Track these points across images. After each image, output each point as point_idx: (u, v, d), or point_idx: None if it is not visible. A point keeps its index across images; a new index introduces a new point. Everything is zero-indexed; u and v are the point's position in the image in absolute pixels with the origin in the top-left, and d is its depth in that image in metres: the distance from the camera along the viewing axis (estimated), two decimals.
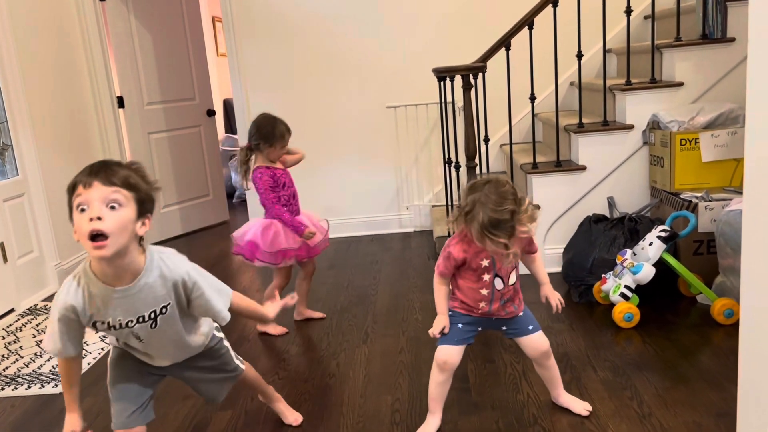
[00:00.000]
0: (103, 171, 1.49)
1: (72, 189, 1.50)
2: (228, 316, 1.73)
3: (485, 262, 1.91)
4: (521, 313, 2.05)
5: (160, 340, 1.71)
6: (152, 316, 1.63)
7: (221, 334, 1.94)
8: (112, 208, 1.47)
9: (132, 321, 1.61)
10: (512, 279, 1.97)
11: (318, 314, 3.12)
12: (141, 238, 1.58)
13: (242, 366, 1.99)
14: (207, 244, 4.80)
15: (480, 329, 2.05)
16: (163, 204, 4.94)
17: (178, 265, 1.65)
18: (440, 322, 1.99)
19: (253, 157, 2.87)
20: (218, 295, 1.73)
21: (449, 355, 2.00)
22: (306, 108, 4.54)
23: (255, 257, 2.82)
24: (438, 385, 2.04)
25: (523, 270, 2.06)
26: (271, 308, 1.93)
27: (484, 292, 1.95)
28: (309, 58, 4.47)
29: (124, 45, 4.61)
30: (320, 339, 2.90)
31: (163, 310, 1.64)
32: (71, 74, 4.26)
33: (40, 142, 3.83)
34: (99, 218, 1.45)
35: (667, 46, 3.27)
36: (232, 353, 1.97)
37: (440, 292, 2.01)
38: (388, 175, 4.61)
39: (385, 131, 4.52)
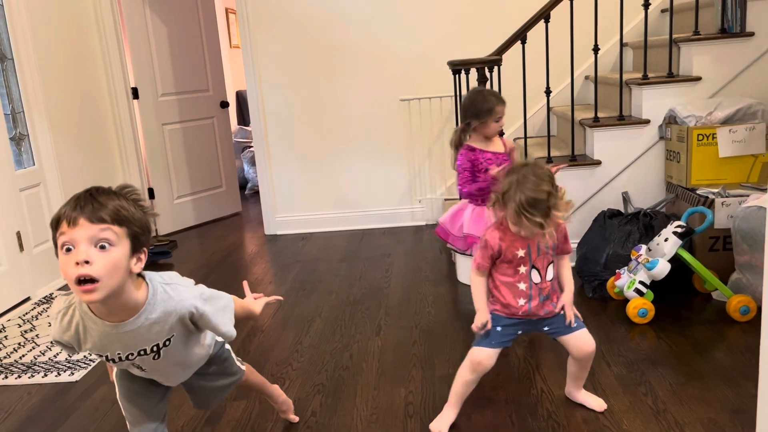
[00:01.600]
0: (89, 204, 1.30)
1: (56, 224, 1.31)
2: (234, 332, 1.59)
3: (521, 252, 1.89)
4: (560, 312, 2.00)
5: (164, 367, 1.58)
6: (155, 348, 1.49)
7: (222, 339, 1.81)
8: (102, 247, 1.30)
9: (132, 354, 1.48)
10: (549, 274, 1.94)
11: None
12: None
13: (243, 368, 1.89)
14: (219, 236, 4.82)
15: (520, 332, 2.01)
16: (177, 195, 4.96)
17: (183, 297, 1.48)
18: (481, 318, 1.95)
19: (468, 137, 2.76)
20: (223, 314, 1.57)
21: (485, 357, 1.96)
22: (319, 100, 4.54)
23: (447, 240, 2.89)
24: (465, 384, 2.01)
25: None
26: (257, 303, 1.77)
27: (522, 286, 1.92)
28: (323, 50, 4.46)
29: (139, 36, 4.63)
30: (333, 331, 2.91)
31: (167, 343, 1.50)
32: (87, 65, 4.28)
33: (55, 133, 3.86)
34: (87, 261, 1.27)
35: (685, 40, 3.24)
36: (234, 356, 1.87)
37: (478, 286, 1.98)
38: (401, 168, 4.61)
39: (398, 124, 4.52)
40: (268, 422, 2.18)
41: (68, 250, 1.29)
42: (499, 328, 1.97)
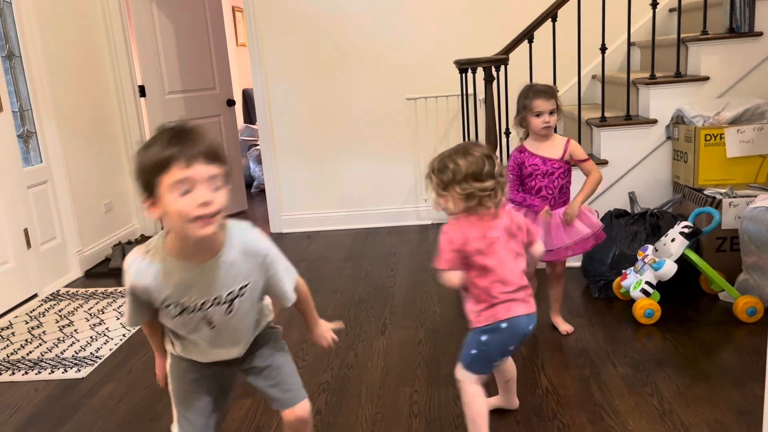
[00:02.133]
0: (198, 145, 1.32)
1: (162, 167, 1.29)
2: (294, 297, 1.60)
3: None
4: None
5: (234, 324, 1.54)
6: (229, 297, 1.47)
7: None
8: (217, 188, 1.34)
9: (208, 302, 1.45)
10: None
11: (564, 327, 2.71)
12: None
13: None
14: None
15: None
16: None
17: (257, 239, 1.50)
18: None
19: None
20: (287, 274, 1.58)
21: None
22: (326, 99, 4.54)
23: None
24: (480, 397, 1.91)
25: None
26: (323, 326, 1.79)
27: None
28: (329, 48, 4.46)
29: (146, 34, 4.64)
30: (338, 330, 2.90)
31: (242, 292, 1.48)
32: (94, 63, 4.29)
33: (63, 130, 3.87)
34: (208, 202, 1.31)
35: (693, 39, 3.23)
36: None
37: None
38: (407, 166, 4.60)
39: (404, 123, 4.51)
40: (273, 420, 2.19)
41: (186, 192, 1.29)
42: (489, 354, 1.90)
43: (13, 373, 2.68)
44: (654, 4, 3.19)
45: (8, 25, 3.58)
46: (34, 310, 3.40)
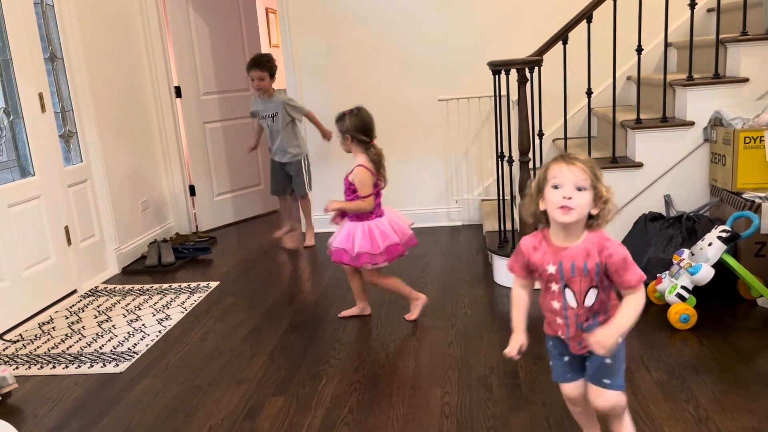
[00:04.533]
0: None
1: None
2: None
3: (551, 269, 1.64)
4: (607, 359, 1.67)
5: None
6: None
7: None
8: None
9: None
10: (589, 299, 1.63)
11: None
12: None
13: None
14: (257, 233, 4.89)
15: (567, 359, 1.76)
16: (217, 192, 5.05)
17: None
18: (515, 341, 1.71)
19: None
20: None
21: (569, 391, 1.78)
22: (358, 99, 4.51)
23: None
24: (578, 415, 1.89)
25: None
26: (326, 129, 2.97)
27: (556, 305, 1.67)
28: (362, 49, 4.48)
29: (182, 36, 4.73)
30: (369, 330, 2.93)
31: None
32: (132, 65, 4.38)
33: (102, 130, 3.97)
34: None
35: (732, 40, 3.17)
36: None
37: (516, 300, 1.74)
38: (438, 167, 4.61)
39: (436, 124, 4.51)
40: (306, 418, 2.21)
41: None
42: (566, 359, 1.75)
43: (54, 367, 2.76)
44: (692, 5, 3.14)
45: (51, 27, 3.68)
46: (73, 306, 3.50)
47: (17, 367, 2.78)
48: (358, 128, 2.99)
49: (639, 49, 3.22)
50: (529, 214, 1.68)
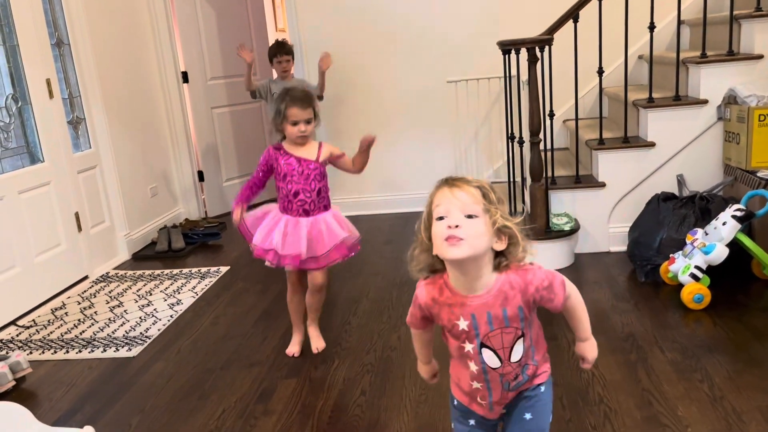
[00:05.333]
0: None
1: None
2: None
3: (462, 324, 1.29)
4: (527, 414, 1.38)
5: None
6: None
7: None
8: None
9: None
10: (516, 353, 1.30)
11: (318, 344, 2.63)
12: None
13: None
14: None
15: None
16: (225, 178, 5.05)
17: None
18: (423, 372, 1.52)
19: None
20: None
21: None
22: (365, 83, 4.53)
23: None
24: None
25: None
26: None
27: (474, 368, 1.33)
28: (369, 32, 4.44)
29: (188, 21, 4.70)
30: (381, 312, 2.92)
31: None
32: (139, 50, 4.37)
33: (110, 116, 3.96)
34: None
35: (746, 16, 3.11)
36: None
37: (416, 339, 1.47)
38: (447, 150, 4.58)
39: (444, 106, 4.48)
40: (318, 400, 2.22)
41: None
42: (456, 421, 1.45)
43: (68, 352, 2.78)
44: None
45: (57, 13, 3.67)
46: (85, 291, 3.51)
47: (31, 352, 2.80)
48: None
49: (651, 27, 3.17)
50: (422, 268, 1.32)
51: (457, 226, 1.21)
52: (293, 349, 2.59)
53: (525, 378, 1.35)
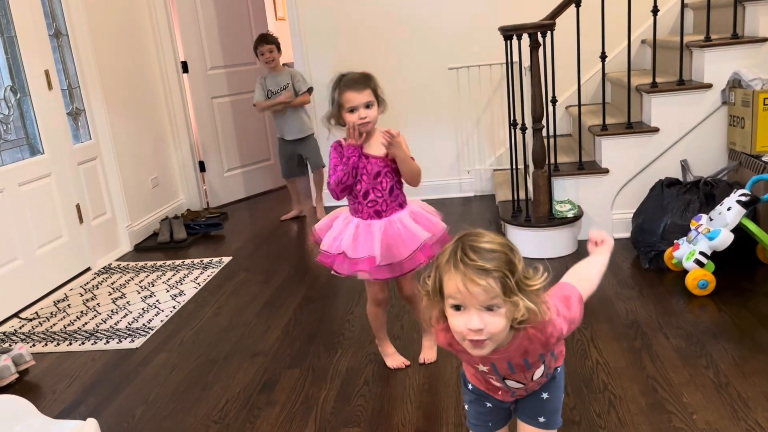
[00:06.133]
0: None
1: None
2: None
3: (482, 368, 1.31)
4: (544, 394, 1.40)
5: None
6: None
7: None
8: None
9: None
10: (537, 374, 1.33)
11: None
12: None
13: None
14: (268, 208, 4.87)
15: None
16: (227, 168, 5.03)
17: None
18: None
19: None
20: None
21: None
22: (366, 70, 4.49)
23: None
24: None
25: None
26: None
27: (496, 383, 1.36)
28: (369, 19, 4.41)
29: (187, 10, 4.66)
30: None
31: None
32: (138, 40, 4.34)
33: (110, 107, 3.94)
34: None
35: None
36: None
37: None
38: (449, 138, 4.55)
39: (446, 93, 4.45)
40: (321, 390, 2.21)
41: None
42: (472, 403, 1.45)
43: (71, 344, 2.78)
44: None
45: (54, 3, 3.64)
46: (87, 283, 3.51)
47: (34, 345, 2.80)
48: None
49: (655, 11, 3.14)
50: (434, 318, 1.22)
51: (479, 330, 1.11)
52: (396, 361, 2.30)
53: (548, 377, 1.38)
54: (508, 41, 3.26)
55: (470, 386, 1.43)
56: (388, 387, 2.20)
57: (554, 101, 3.25)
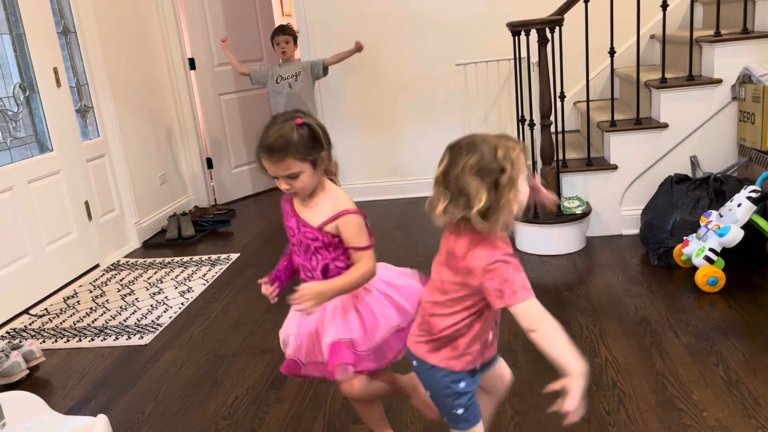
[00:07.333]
0: None
1: None
2: None
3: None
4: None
5: None
6: None
7: None
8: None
9: None
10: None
11: None
12: None
13: None
14: (276, 204, 4.85)
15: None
16: (234, 164, 5.04)
17: None
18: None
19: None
20: None
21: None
22: (374, 67, 4.49)
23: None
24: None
25: None
26: None
27: (491, 333, 1.44)
28: (376, 15, 4.40)
29: (194, 6, 4.66)
30: None
31: None
32: (145, 37, 4.34)
33: (118, 104, 3.95)
34: None
35: None
36: None
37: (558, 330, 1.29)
38: (456, 134, 4.47)
39: (453, 89, 4.43)
40: (330, 387, 2.21)
41: None
42: (472, 397, 1.46)
43: (80, 340, 2.79)
44: None
45: (62, 1, 3.64)
46: (96, 280, 3.52)
47: (44, 341, 2.81)
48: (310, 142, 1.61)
49: (664, 5, 3.11)
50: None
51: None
52: None
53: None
54: (516, 37, 3.24)
55: (468, 380, 1.42)
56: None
57: (562, 97, 3.24)
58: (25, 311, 3.17)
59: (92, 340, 2.78)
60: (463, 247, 1.34)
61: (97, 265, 3.72)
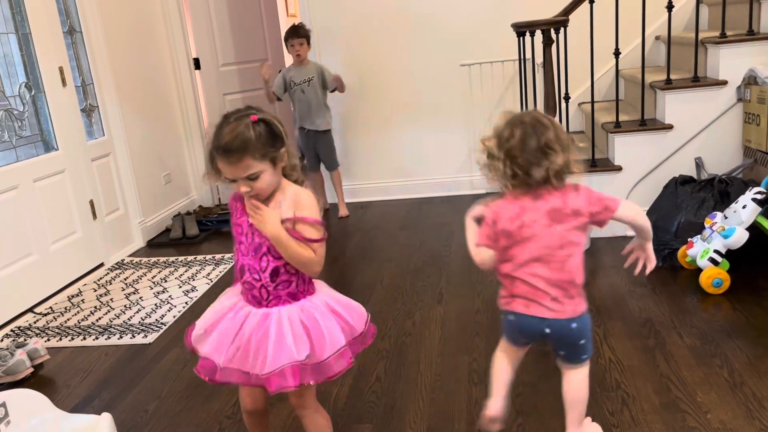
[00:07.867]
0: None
1: None
2: None
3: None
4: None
5: None
6: None
7: None
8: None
9: None
10: None
11: None
12: None
13: None
14: None
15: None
16: None
17: None
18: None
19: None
20: None
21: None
22: (378, 67, 4.49)
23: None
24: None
25: None
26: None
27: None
28: (381, 16, 4.40)
29: (199, 7, 4.68)
30: (395, 299, 2.92)
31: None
32: (150, 37, 4.36)
33: (123, 104, 3.96)
34: None
35: None
36: None
37: None
38: (461, 135, 4.54)
39: (458, 90, 4.43)
40: (334, 386, 2.22)
41: None
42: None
43: (84, 338, 2.80)
44: None
45: (68, 1, 3.66)
46: (101, 279, 3.53)
47: (48, 339, 2.82)
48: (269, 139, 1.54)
49: (669, 6, 3.11)
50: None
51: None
52: None
53: None
54: (521, 38, 3.24)
55: (511, 317, 1.63)
56: (400, 383, 2.20)
57: (567, 98, 3.24)
58: (30, 309, 3.18)
59: (96, 338, 2.79)
60: (558, 201, 1.58)
61: (102, 264, 3.73)
